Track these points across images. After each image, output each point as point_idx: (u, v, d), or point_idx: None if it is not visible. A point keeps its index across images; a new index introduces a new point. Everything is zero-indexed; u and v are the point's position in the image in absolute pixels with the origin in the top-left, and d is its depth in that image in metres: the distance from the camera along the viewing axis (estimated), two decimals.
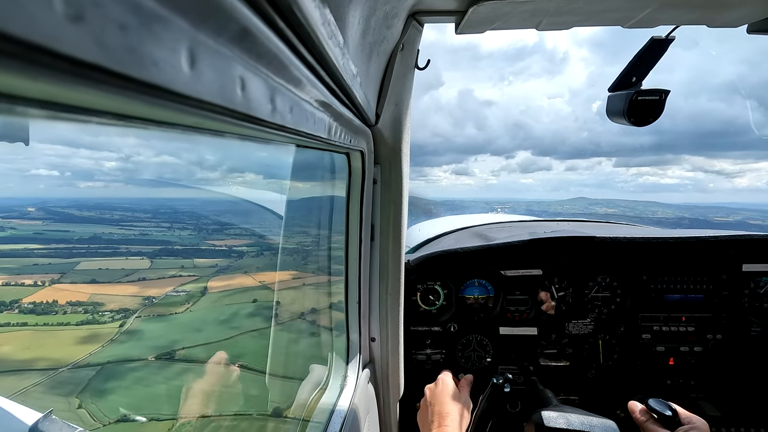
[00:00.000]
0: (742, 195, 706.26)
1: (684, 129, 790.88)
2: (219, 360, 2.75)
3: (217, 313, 16.46)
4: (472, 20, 1.04)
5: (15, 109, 0.20)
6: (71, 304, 17.67)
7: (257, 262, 20.55)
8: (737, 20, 1.06)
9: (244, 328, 14.17)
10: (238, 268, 21.54)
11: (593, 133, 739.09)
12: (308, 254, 1.82)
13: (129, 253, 24.01)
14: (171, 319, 15.98)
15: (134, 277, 20.67)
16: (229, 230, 27.03)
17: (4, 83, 0.18)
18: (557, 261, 1.94)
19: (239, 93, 0.36)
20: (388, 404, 1.82)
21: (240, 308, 15.41)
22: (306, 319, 1.99)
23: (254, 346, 12.19)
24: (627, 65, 1.21)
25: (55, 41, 0.18)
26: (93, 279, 20.42)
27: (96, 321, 15.95)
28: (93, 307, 17.55)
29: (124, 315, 16.02)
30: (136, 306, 17.39)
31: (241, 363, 11.14)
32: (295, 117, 0.54)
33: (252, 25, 0.34)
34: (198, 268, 22.11)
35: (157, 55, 0.24)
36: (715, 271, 1.89)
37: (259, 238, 21.51)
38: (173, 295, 17.87)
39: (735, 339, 1.88)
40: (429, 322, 1.99)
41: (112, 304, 17.53)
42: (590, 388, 1.95)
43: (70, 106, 0.23)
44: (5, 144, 0.68)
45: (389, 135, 1.35)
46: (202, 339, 13.65)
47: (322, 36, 0.46)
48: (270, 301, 1.85)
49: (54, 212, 30.73)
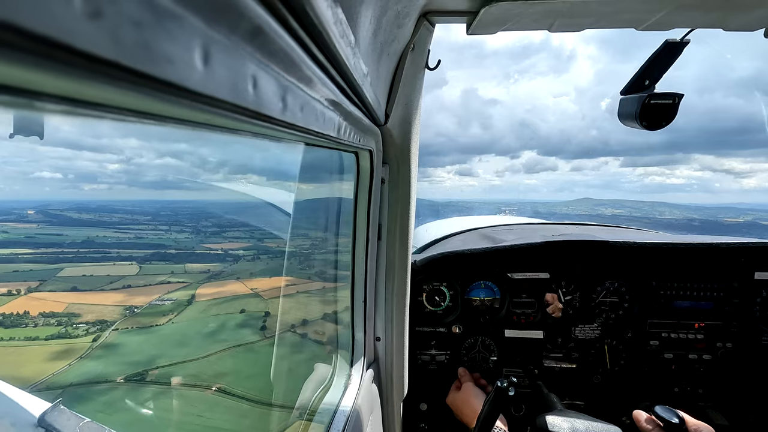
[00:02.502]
0: (750, 195, 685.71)
1: (697, 126, 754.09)
2: (222, 357, 2.77)
3: (215, 316, 15.11)
4: (484, 21, 1.04)
5: (32, 104, 0.21)
6: (44, 315, 16.11)
7: (263, 261, 20.04)
8: (754, 23, 1.04)
9: (245, 327, 13.64)
10: (241, 268, 20.75)
11: (602, 131, 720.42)
12: (315, 253, 1.83)
13: (119, 257, 22.77)
14: (153, 331, 14.59)
15: (119, 285, 19.40)
16: (234, 230, 26.11)
17: (23, 78, 0.18)
18: (566, 265, 1.92)
19: (251, 91, 0.37)
20: (391, 404, 1.82)
21: (240, 307, 14.71)
22: (311, 317, 2.00)
23: (258, 344, 11.95)
24: (640, 68, 1.19)
25: (73, 37, 0.18)
26: (74, 287, 19.18)
27: (67, 335, 14.53)
28: (67, 318, 16.17)
29: (100, 328, 14.73)
30: (116, 317, 16.06)
31: (245, 360, 10.95)
32: (306, 115, 0.54)
33: (264, 23, 0.34)
34: (194, 272, 20.74)
35: (171, 52, 0.25)
36: (727, 279, 1.86)
37: (267, 236, 21.02)
38: (158, 304, 16.50)
39: (745, 347, 1.85)
40: (434, 322, 1.98)
41: (89, 315, 16.22)
42: (596, 393, 1.93)
43: (85, 101, 0.23)
44: (21, 138, 0.69)
45: (398, 135, 1.35)
46: (201, 341, 12.78)
47: (334, 35, 0.46)
48: (276, 298, 1.86)
49: (52, 215, 29.81)
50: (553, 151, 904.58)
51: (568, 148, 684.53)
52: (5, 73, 0.18)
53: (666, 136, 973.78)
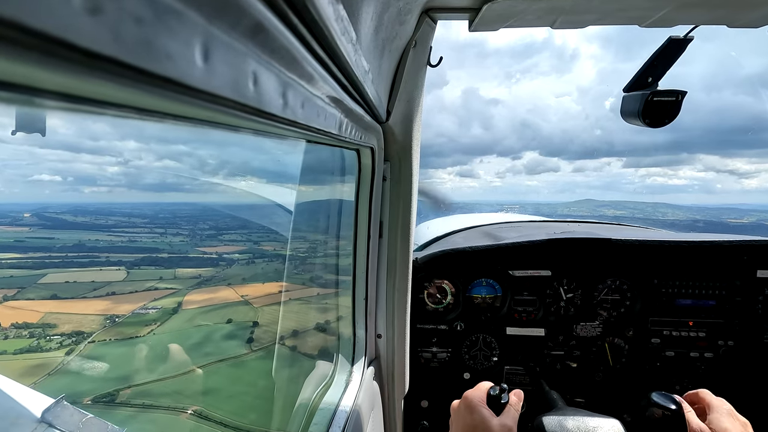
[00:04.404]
0: (751, 196, 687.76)
1: (704, 125, 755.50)
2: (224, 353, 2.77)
3: (210, 324, 13.87)
4: (486, 18, 1.03)
5: (33, 101, 0.21)
6: (16, 326, 14.54)
7: (264, 262, 19.60)
8: (759, 20, 1.03)
9: (245, 325, 13.07)
10: (237, 272, 19.88)
11: (606, 131, 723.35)
12: (316, 251, 1.83)
13: (108, 262, 21.52)
14: (132, 343, 13.41)
15: (102, 292, 18.00)
16: (232, 232, 25.18)
17: (24, 75, 0.18)
18: (567, 262, 1.92)
19: (252, 87, 0.36)
20: (393, 401, 1.82)
21: (231, 315, 14.05)
22: (312, 313, 2.00)
23: (260, 341, 11.62)
24: (643, 65, 1.19)
25: (73, 34, 0.18)
26: (54, 294, 17.66)
27: (39, 348, 13.10)
28: (42, 330, 14.59)
29: (75, 341, 13.47)
30: (94, 328, 14.75)
31: (247, 357, 10.70)
32: (307, 112, 0.54)
33: (265, 20, 0.34)
34: (185, 277, 19.61)
35: (171, 49, 0.25)
36: (729, 277, 1.85)
37: (268, 237, 20.60)
38: (141, 312, 15.28)
39: (747, 346, 1.85)
40: (436, 320, 1.99)
41: (65, 326, 14.78)
42: (597, 390, 1.93)
43: (86, 98, 0.23)
44: (23, 135, 0.70)
45: (400, 132, 1.35)
46: (186, 354, 11.92)
47: (335, 32, 0.46)
48: (278, 294, 1.86)
49: (47, 218, 28.45)
50: (555, 151, 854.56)
51: (571, 148, 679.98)
52: (6, 69, 0.18)
53: (671, 136, 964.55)
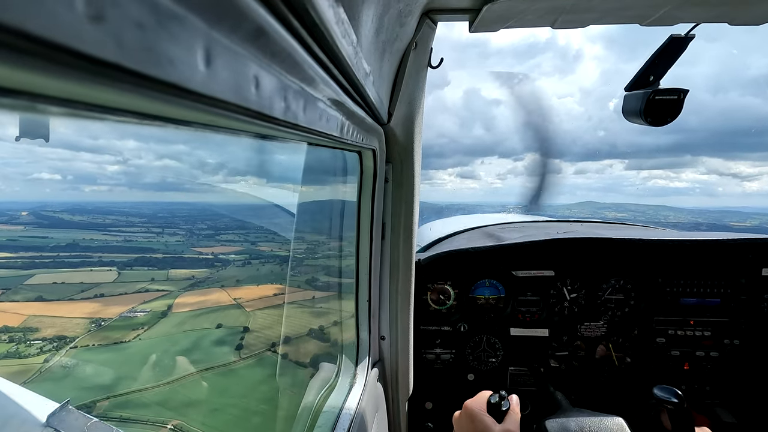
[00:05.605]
0: (752, 199, 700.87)
1: (709, 127, 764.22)
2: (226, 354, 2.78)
3: (206, 328, 13.43)
4: (487, 18, 1.03)
5: (37, 107, 0.21)
6: None
7: (267, 260, 19.37)
8: (759, 17, 1.03)
9: (247, 324, 12.81)
10: (235, 273, 19.39)
11: (609, 132, 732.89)
12: (319, 252, 1.83)
13: (100, 262, 20.54)
14: (117, 349, 12.45)
15: (90, 294, 17.18)
16: (231, 233, 24.63)
17: (27, 81, 0.19)
18: (571, 262, 1.92)
19: (253, 91, 0.37)
20: (396, 403, 1.82)
21: (242, 304, 13.73)
22: (315, 316, 2.00)
23: (261, 344, 11.45)
24: (644, 64, 1.18)
25: (76, 40, 0.18)
26: (40, 296, 17.01)
27: (16, 355, 12.30)
28: (22, 335, 13.80)
29: (56, 346, 12.71)
30: (78, 332, 13.88)
31: (250, 358, 10.65)
32: (308, 115, 0.54)
33: (266, 24, 0.34)
34: (178, 278, 18.57)
35: (173, 54, 0.25)
36: (734, 275, 1.84)
37: (269, 238, 20.27)
38: (129, 316, 14.13)
39: (753, 344, 1.83)
40: (439, 321, 1.98)
41: (48, 330, 13.96)
42: (603, 391, 1.92)
43: (89, 103, 0.23)
44: (27, 141, 0.70)
45: (401, 133, 1.35)
46: (176, 361, 11.20)
47: (336, 35, 0.46)
48: (281, 294, 1.86)
49: (44, 216, 27.50)
50: (558, 153, 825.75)
51: (573, 150, 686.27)
52: (10, 76, 0.18)
53: (675, 137, 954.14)
